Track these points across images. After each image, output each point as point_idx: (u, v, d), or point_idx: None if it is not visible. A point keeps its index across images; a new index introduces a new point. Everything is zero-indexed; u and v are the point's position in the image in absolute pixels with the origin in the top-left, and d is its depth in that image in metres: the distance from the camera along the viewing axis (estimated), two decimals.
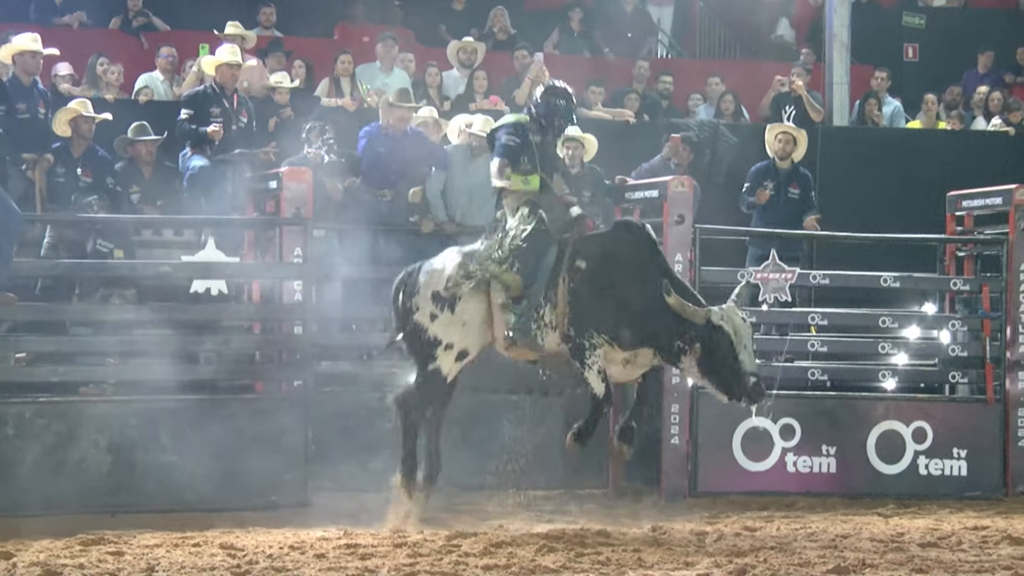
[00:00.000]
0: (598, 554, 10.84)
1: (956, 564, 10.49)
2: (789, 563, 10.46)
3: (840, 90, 18.14)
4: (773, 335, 14.56)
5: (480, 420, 13.93)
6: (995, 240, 14.63)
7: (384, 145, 14.62)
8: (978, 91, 19.44)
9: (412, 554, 10.80)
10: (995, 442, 14.33)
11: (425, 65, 17.63)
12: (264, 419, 13.13)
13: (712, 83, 18.84)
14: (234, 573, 10.19)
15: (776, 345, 14.40)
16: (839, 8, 18.05)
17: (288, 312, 13.42)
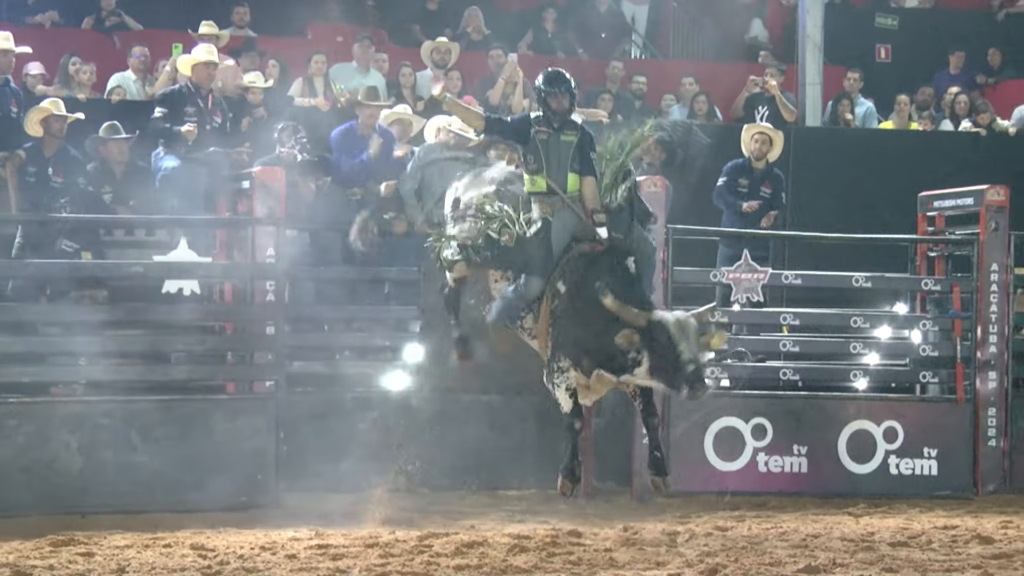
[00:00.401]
0: (570, 554, 10.85)
1: (926, 563, 10.52)
2: (760, 563, 10.48)
3: (813, 91, 18.19)
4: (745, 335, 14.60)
5: (453, 421, 13.93)
6: (966, 240, 14.67)
7: (355, 145, 14.59)
8: (948, 92, 19.50)
9: (384, 554, 10.80)
10: (965, 442, 14.37)
11: (399, 65, 17.63)
12: (235, 420, 13.11)
13: (686, 83, 18.88)
14: (205, 574, 10.19)
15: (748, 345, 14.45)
16: (812, 9, 18.09)
17: (260, 312, 13.40)
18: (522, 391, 14.06)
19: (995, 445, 14.41)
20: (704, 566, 10.34)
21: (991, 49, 21.22)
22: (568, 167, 11.70)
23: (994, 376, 14.40)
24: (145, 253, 13.74)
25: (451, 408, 13.94)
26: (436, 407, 13.92)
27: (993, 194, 14.52)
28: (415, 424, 13.84)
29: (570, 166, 11.72)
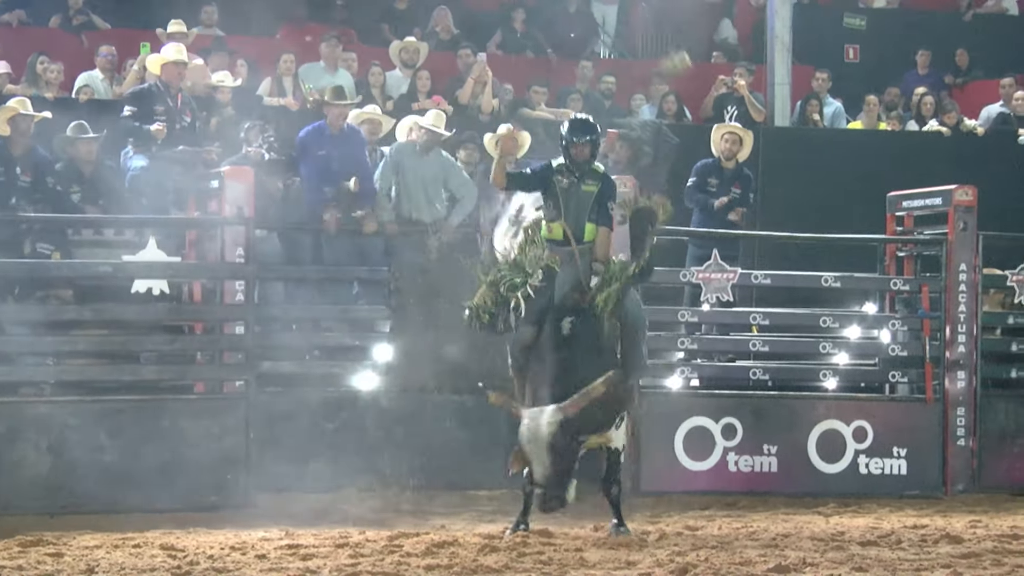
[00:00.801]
0: (540, 554, 10.84)
1: (896, 562, 10.54)
2: (730, 562, 10.48)
3: (782, 91, 18.22)
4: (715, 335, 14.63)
5: (423, 420, 13.93)
6: (935, 240, 14.73)
7: (322, 146, 14.55)
8: (915, 92, 19.56)
9: (354, 554, 10.78)
10: (934, 441, 14.42)
11: (368, 65, 17.61)
12: (205, 420, 13.07)
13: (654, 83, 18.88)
14: (174, 574, 10.14)
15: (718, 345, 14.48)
16: (780, 9, 18.13)
17: (229, 312, 13.37)
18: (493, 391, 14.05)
19: (964, 444, 14.47)
20: (674, 565, 10.33)
21: (959, 49, 21.29)
22: (586, 216, 11.76)
23: (963, 376, 14.45)
24: (114, 253, 13.68)
25: (422, 408, 13.93)
26: (406, 407, 13.91)
27: (961, 194, 14.58)
28: (385, 424, 13.84)
29: (588, 215, 11.78)
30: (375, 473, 13.77)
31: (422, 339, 13.86)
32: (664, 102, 18.35)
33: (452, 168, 14.74)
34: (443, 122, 14.85)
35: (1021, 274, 14.69)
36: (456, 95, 17.34)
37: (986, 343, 14.68)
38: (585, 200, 11.77)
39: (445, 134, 14.82)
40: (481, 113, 17.08)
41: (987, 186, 15.18)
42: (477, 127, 16.18)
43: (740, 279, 14.28)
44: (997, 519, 13.04)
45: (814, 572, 10.18)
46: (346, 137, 14.65)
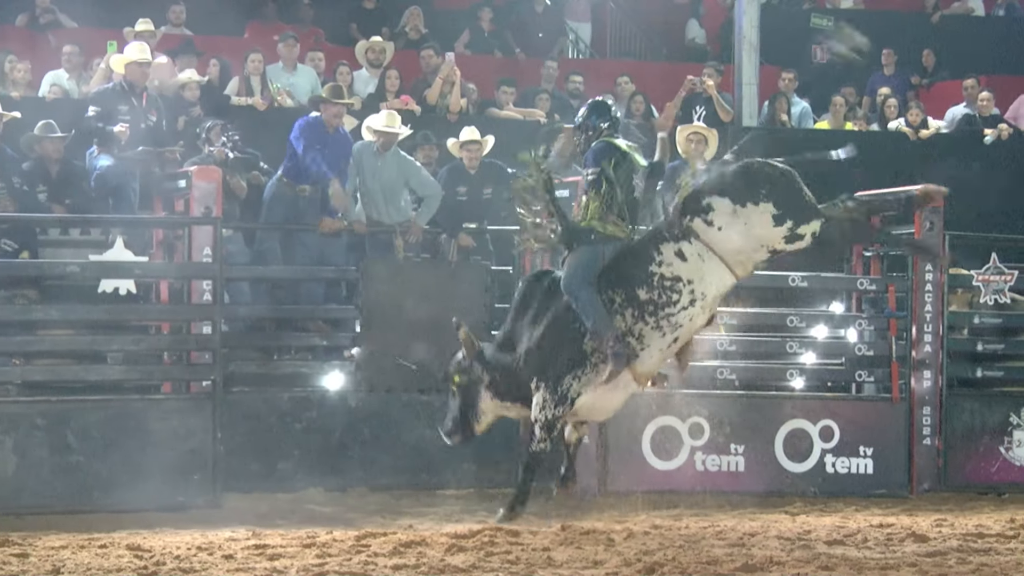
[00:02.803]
0: (508, 553, 10.85)
1: (862, 561, 10.57)
2: (698, 561, 10.50)
3: (749, 90, 18.25)
4: None
5: (391, 420, 13.93)
6: None
7: (319, 140, 14.52)
8: (879, 92, 19.63)
9: (321, 554, 10.77)
10: (901, 440, 14.46)
11: (336, 64, 17.59)
12: (172, 420, 13.04)
13: (622, 83, 18.91)
14: (141, 574, 10.12)
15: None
16: (748, 9, 18.15)
17: (197, 312, 13.35)
18: None
19: (930, 444, 14.52)
20: (642, 565, 10.35)
21: (925, 50, 21.38)
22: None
23: (929, 375, 14.50)
24: (81, 252, 13.64)
25: (389, 407, 13.93)
26: (374, 406, 13.91)
27: None
28: (353, 423, 13.84)
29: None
30: (342, 473, 13.77)
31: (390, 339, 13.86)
32: (632, 102, 18.37)
33: (411, 168, 14.72)
34: (397, 122, 14.82)
35: (987, 274, 14.75)
36: (424, 95, 17.33)
37: (952, 343, 14.73)
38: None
39: (402, 132, 14.80)
40: (449, 113, 17.07)
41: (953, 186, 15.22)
42: (445, 127, 16.19)
43: None
44: (962, 518, 13.10)
45: (780, 571, 10.21)
46: (339, 139, 14.62)
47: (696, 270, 11.87)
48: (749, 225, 11.77)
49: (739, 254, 11.88)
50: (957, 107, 19.52)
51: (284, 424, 13.70)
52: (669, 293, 11.87)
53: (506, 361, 12.38)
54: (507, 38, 20.37)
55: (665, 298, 11.87)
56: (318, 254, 14.47)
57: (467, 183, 14.90)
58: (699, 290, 11.88)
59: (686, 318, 11.92)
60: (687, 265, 11.87)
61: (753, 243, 11.83)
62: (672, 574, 10.15)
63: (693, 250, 11.87)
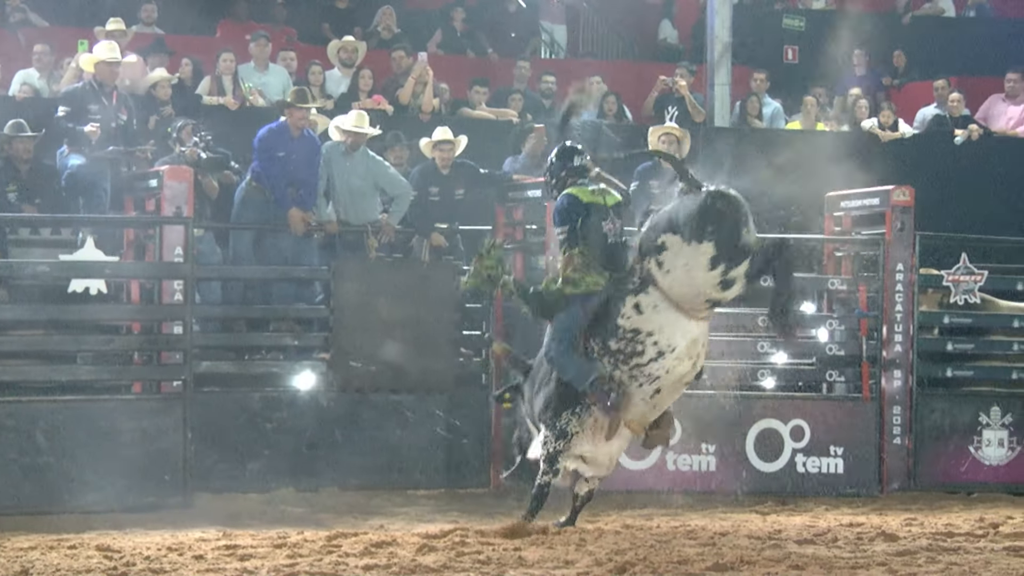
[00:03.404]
0: (479, 553, 10.84)
1: (832, 560, 10.59)
2: (669, 560, 10.51)
3: (722, 91, 18.27)
4: None
5: (362, 420, 13.92)
6: (872, 240, 14.82)
7: (283, 147, 14.49)
8: (850, 93, 19.66)
9: (292, 555, 10.75)
10: (871, 440, 14.50)
11: (308, 64, 17.54)
12: (143, 420, 13.02)
13: (594, 83, 18.88)
14: (110, 575, 10.10)
15: None
16: (720, 10, 18.17)
17: (168, 312, 13.32)
18: (433, 391, 14.07)
19: (900, 443, 14.56)
20: (613, 564, 10.36)
21: (896, 51, 21.42)
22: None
23: (899, 375, 14.54)
24: (51, 252, 13.59)
25: (360, 407, 13.93)
26: (345, 406, 13.90)
27: (899, 194, 14.68)
28: (324, 423, 13.82)
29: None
30: (313, 473, 13.75)
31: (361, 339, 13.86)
32: (605, 102, 18.37)
33: (380, 167, 14.70)
34: (365, 122, 14.81)
35: (957, 274, 14.79)
36: (396, 95, 17.30)
37: (922, 342, 14.78)
38: None
39: (370, 132, 14.79)
40: (421, 113, 17.05)
41: (924, 187, 15.28)
42: (417, 127, 16.18)
43: None
44: (932, 517, 13.13)
45: (751, 570, 10.22)
46: (305, 141, 14.59)
47: (654, 322, 11.44)
48: (688, 267, 11.30)
49: (687, 300, 11.43)
50: (928, 108, 19.56)
51: (255, 424, 13.69)
52: (634, 345, 11.50)
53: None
54: (480, 38, 20.35)
55: (631, 349, 11.52)
56: (290, 255, 14.44)
57: (439, 183, 14.89)
58: (664, 342, 11.45)
59: (660, 369, 11.53)
60: (643, 317, 11.45)
61: (693, 289, 11.36)
62: (643, 574, 10.16)
63: (649, 301, 11.43)
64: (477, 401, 14.33)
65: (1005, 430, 14.75)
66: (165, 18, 18.55)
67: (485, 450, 14.26)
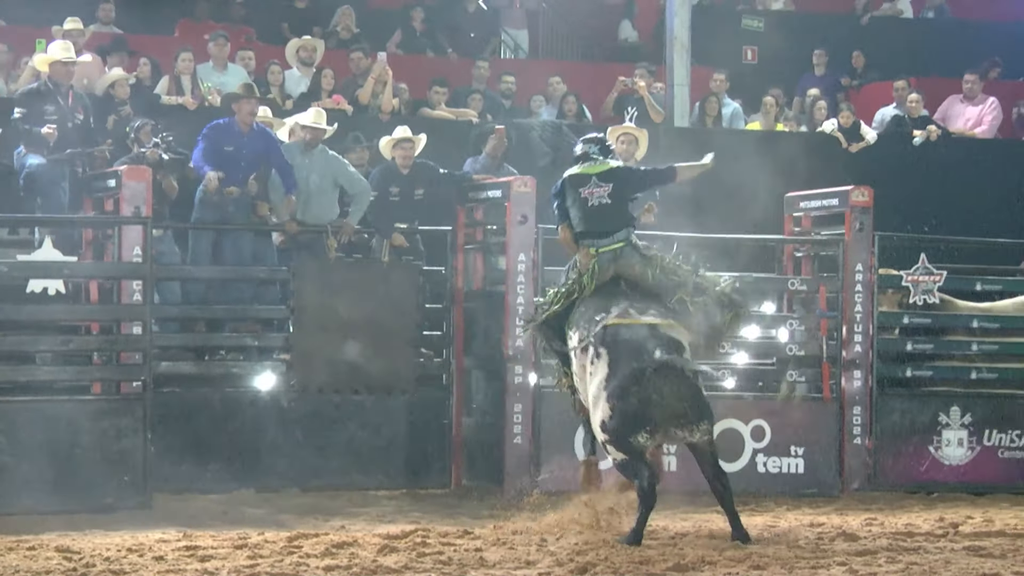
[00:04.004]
0: (440, 554, 10.84)
1: (793, 560, 10.62)
2: (630, 560, 10.53)
3: (681, 91, 18.28)
4: None
5: (323, 421, 13.89)
6: (832, 241, 14.86)
7: (231, 142, 14.43)
8: (808, 94, 19.72)
9: (252, 555, 10.73)
10: (832, 440, 14.54)
11: (267, 63, 17.49)
12: (102, 421, 12.96)
13: (553, 83, 18.92)
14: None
15: None
16: (680, 10, 18.18)
17: (127, 312, 13.27)
18: (393, 391, 14.05)
19: (860, 443, 14.61)
20: (574, 564, 10.37)
21: (855, 52, 21.50)
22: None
23: (859, 375, 14.59)
24: (8, 252, 13.52)
25: (321, 408, 13.90)
26: (306, 407, 13.87)
27: (858, 195, 14.72)
28: (285, 424, 13.79)
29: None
30: (274, 474, 13.72)
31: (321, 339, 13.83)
32: (564, 103, 18.38)
33: (339, 165, 14.66)
34: (323, 119, 14.79)
35: (916, 274, 14.84)
36: (356, 95, 17.27)
37: (882, 343, 14.83)
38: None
39: (328, 129, 14.77)
40: (381, 113, 17.02)
41: (883, 187, 15.34)
42: (377, 127, 16.14)
43: None
44: (892, 517, 13.19)
45: (712, 570, 10.24)
46: (256, 136, 14.51)
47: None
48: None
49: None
50: (887, 108, 19.63)
51: (215, 425, 13.65)
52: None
53: None
54: (439, 38, 20.34)
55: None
56: (250, 255, 14.39)
57: (399, 184, 14.86)
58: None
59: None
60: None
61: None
62: (605, 574, 10.18)
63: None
64: (438, 401, 14.31)
65: (965, 430, 14.82)
66: (123, 17, 18.48)
67: (446, 450, 14.25)
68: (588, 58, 22.03)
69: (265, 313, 14.42)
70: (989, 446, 14.86)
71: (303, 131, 14.68)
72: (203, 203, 14.43)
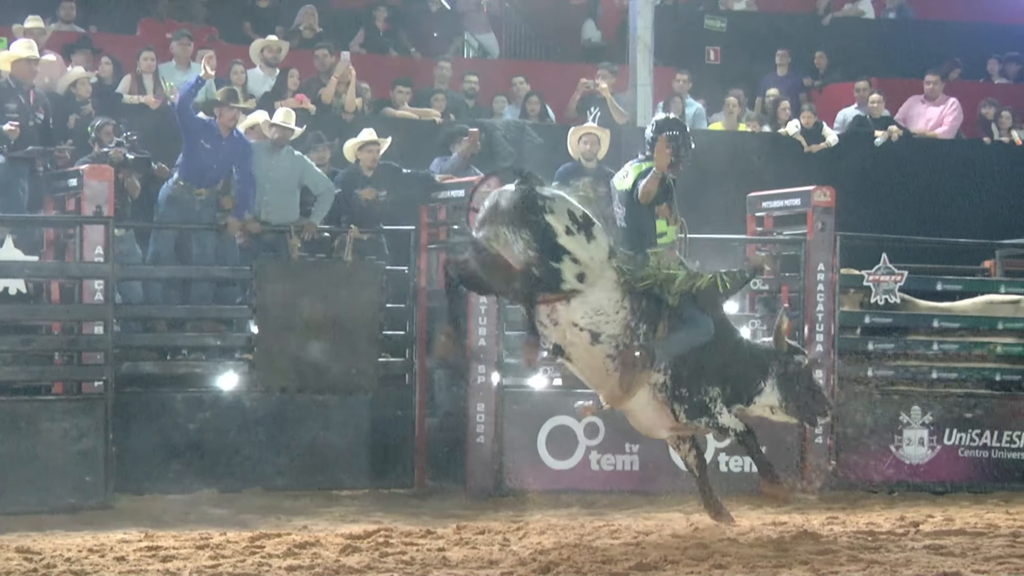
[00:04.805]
0: (402, 554, 10.84)
1: (754, 559, 10.64)
2: (593, 560, 10.53)
3: (644, 91, 18.29)
4: None
5: (286, 420, 13.87)
6: (794, 241, 14.90)
7: (211, 141, 14.40)
8: (768, 93, 19.76)
9: (215, 556, 10.70)
10: (793, 439, 14.56)
11: (230, 63, 17.44)
12: (63, 421, 12.93)
13: (516, 83, 18.92)
14: None
15: None
16: (643, 11, 18.19)
17: (88, 312, 13.22)
18: (356, 391, 14.04)
19: (822, 443, 14.64)
20: (537, 564, 10.37)
21: (817, 52, 21.57)
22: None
23: (821, 375, 14.56)
24: None
25: (284, 408, 13.88)
26: (269, 407, 13.85)
27: (820, 195, 14.76)
28: (248, 424, 13.77)
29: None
30: (236, 474, 13.70)
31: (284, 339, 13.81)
32: (527, 103, 18.39)
33: (305, 165, 14.66)
34: (292, 119, 14.78)
35: (877, 274, 14.89)
36: (319, 94, 17.24)
37: (843, 342, 14.88)
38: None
39: (296, 130, 14.76)
40: (344, 112, 17.00)
41: (845, 187, 15.39)
42: (340, 126, 16.13)
43: None
44: (853, 516, 13.23)
45: (675, 570, 10.26)
46: (234, 141, 14.49)
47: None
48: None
49: None
50: (848, 109, 19.70)
51: (177, 425, 13.62)
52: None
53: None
54: (402, 38, 20.31)
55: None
56: (214, 254, 14.36)
57: (364, 186, 14.86)
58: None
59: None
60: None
61: None
62: (567, 573, 10.18)
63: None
64: (401, 401, 14.30)
65: (925, 429, 14.88)
66: (84, 16, 18.41)
67: (409, 450, 14.23)
68: (551, 58, 22.02)
69: (227, 313, 14.39)
70: (949, 445, 14.93)
71: (271, 130, 14.66)
72: (169, 201, 14.41)
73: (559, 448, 14.12)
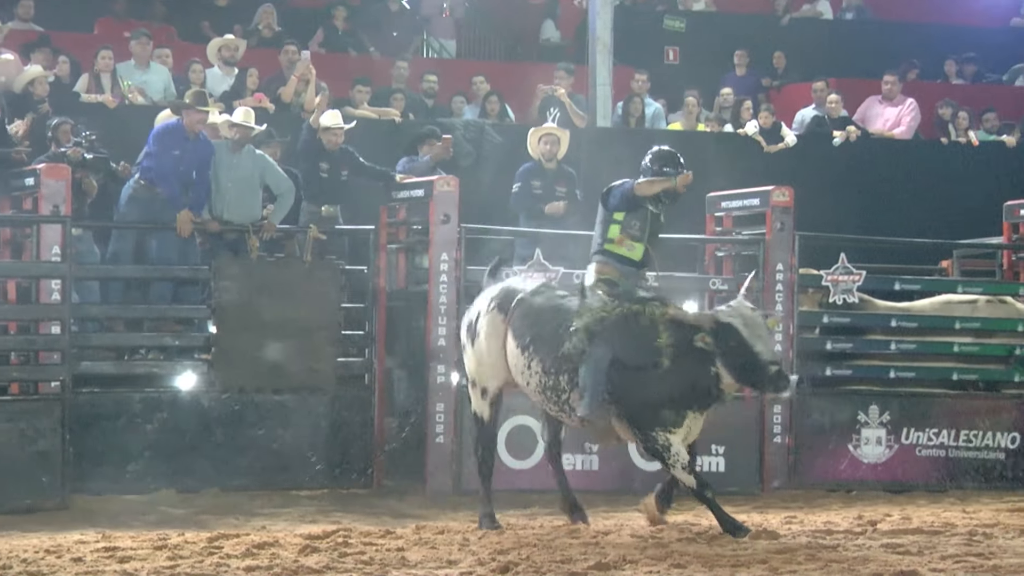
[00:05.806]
0: (362, 554, 10.82)
1: (714, 558, 10.67)
2: (551, 560, 10.54)
3: (603, 91, 18.32)
4: None
5: (244, 420, 13.83)
6: (753, 240, 14.94)
7: (178, 146, 14.36)
8: (721, 93, 19.79)
9: (172, 556, 10.66)
10: (752, 438, 14.61)
11: (188, 62, 17.39)
12: (20, 421, 12.87)
13: (476, 82, 18.92)
14: None
15: None
16: (602, 11, 18.23)
17: (45, 312, 13.16)
18: (315, 391, 14.01)
19: (781, 442, 14.70)
20: (496, 564, 10.37)
21: (776, 52, 21.63)
22: (651, 241, 12.30)
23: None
24: None
25: (243, 408, 13.84)
26: (227, 407, 13.80)
27: (778, 195, 14.81)
28: (206, 424, 13.72)
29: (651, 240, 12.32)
30: (195, 474, 13.65)
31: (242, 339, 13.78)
32: (487, 102, 18.39)
33: (266, 164, 14.65)
34: (252, 118, 14.76)
35: (836, 274, 14.94)
36: (278, 93, 17.20)
37: (802, 342, 14.92)
38: (657, 228, 12.36)
39: (257, 129, 14.74)
40: (304, 111, 16.97)
41: (803, 188, 15.42)
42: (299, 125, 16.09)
43: (562, 278, 14.32)
44: (812, 515, 13.27)
45: (634, 569, 10.27)
46: (200, 144, 14.45)
47: None
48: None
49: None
50: (806, 109, 19.76)
51: (135, 425, 13.56)
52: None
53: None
54: (361, 37, 20.30)
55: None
56: (176, 254, 14.30)
57: (327, 161, 14.94)
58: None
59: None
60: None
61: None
62: (526, 573, 10.18)
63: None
64: (360, 401, 14.27)
65: (883, 428, 14.93)
66: (42, 14, 18.33)
67: (368, 450, 14.21)
68: (511, 58, 22.04)
69: (186, 312, 14.35)
70: (907, 444, 14.98)
71: (231, 130, 14.62)
72: (131, 200, 14.35)
73: (519, 448, 14.11)
